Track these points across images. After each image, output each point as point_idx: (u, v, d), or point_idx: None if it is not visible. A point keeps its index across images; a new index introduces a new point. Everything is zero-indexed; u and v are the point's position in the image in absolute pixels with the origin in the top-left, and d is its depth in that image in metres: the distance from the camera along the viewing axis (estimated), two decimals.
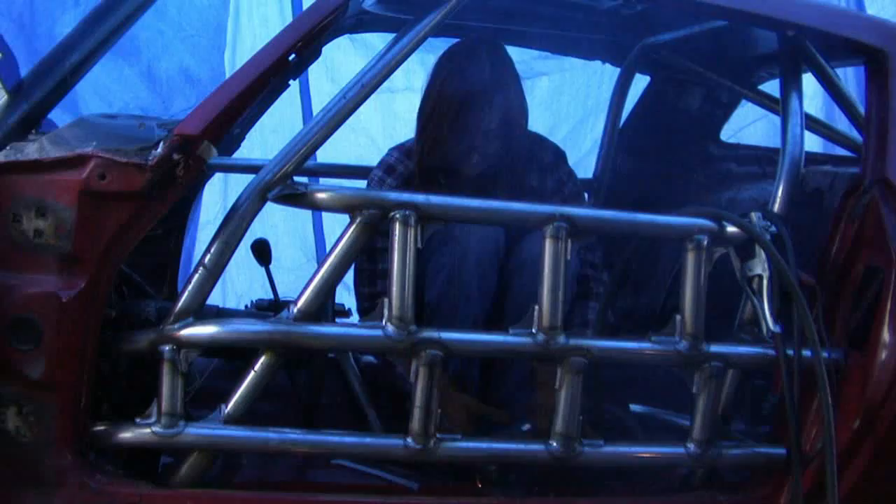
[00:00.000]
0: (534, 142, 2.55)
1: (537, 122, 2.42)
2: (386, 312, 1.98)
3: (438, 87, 2.43)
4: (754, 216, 2.14)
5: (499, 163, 2.43)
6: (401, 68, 2.10)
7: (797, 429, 2.06)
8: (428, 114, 2.43)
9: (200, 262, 1.95)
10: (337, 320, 2.35)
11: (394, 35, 2.11)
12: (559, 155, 2.59)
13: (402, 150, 2.54)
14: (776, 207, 2.18)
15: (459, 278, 2.33)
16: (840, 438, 2.07)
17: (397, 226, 1.97)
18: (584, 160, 3.62)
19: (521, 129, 2.46)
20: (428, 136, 2.42)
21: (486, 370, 2.45)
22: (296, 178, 1.99)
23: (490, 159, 2.41)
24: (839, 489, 2.13)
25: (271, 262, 2.37)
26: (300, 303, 1.98)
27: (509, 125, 2.40)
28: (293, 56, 2.00)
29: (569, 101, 4.63)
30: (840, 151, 2.95)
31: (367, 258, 2.43)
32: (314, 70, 3.76)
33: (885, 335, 2.09)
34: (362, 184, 2.92)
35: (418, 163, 2.46)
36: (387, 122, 4.56)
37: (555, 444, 2.06)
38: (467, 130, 2.36)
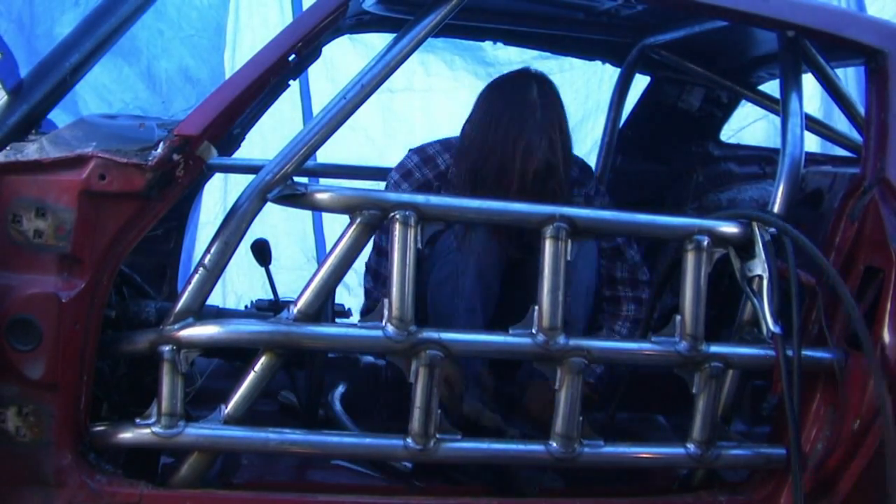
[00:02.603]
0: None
1: None
2: (386, 313, 1.98)
3: (492, 121, 2.32)
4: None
5: (556, 192, 2.32)
6: (401, 68, 2.10)
7: (797, 429, 2.05)
8: (485, 151, 2.31)
9: (200, 262, 1.95)
10: (337, 320, 2.35)
11: (394, 35, 2.11)
12: (585, 170, 2.57)
13: (421, 156, 2.50)
14: (776, 208, 2.18)
15: (462, 292, 2.32)
16: (839, 438, 2.07)
17: (397, 226, 1.97)
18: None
19: (569, 159, 2.38)
20: (487, 173, 2.31)
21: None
22: (295, 179, 1.99)
23: (547, 193, 2.29)
24: (839, 489, 2.13)
25: (271, 262, 2.37)
26: (300, 303, 1.98)
27: (563, 154, 2.33)
28: (293, 56, 2.00)
29: (569, 102, 4.57)
30: (840, 152, 2.95)
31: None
32: (314, 70, 3.77)
33: (885, 335, 2.09)
34: (362, 184, 2.93)
35: (455, 183, 2.40)
36: (387, 123, 4.56)
37: (555, 444, 2.06)
38: (528, 166, 2.26)
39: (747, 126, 4.40)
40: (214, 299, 2.15)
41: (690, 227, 2.12)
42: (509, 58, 4.53)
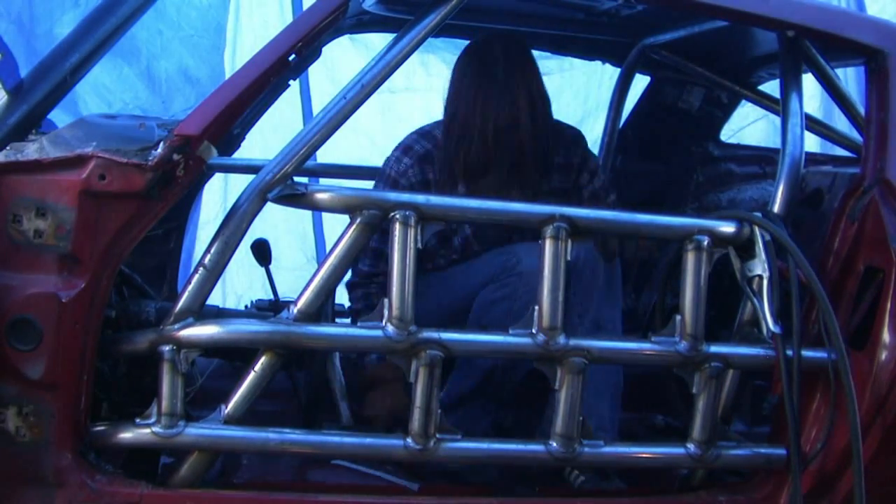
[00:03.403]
0: (553, 125, 2.54)
1: None
2: (386, 313, 1.98)
3: (457, 81, 2.43)
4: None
5: (523, 146, 2.39)
6: (401, 69, 2.10)
7: (797, 429, 2.05)
8: (451, 111, 2.42)
9: (200, 262, 1.95)
10: (337, 320, 2.35)
11: (394, 35, 2.11)
12: (577, 134, 2.61)
13: (419, 132, 2.54)
14: (776, 208, 2.18)
15: (515, 315, 2.28)
16: (840, 439, 2.08)
17: (397, 226, 1.97)
18: None
19: (543, 115, 2.43)
20: (452, 132, 2.40)
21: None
22: (296, 179, 1.99)
23: (512, 147, 2.37)
24: (839, 489, 2.13)
25: (271, 262, 2.37)
26: (300, 303, 1.98)
27: (530, 110, 2.37)
28: (293, 56, 2.00)
29: (569, 101, 4.63)
30: (840, 152, 2.95)
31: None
32: (314, 70, 3.77)
33: (885, 335, 2.09)
34: (362, 184, 2.93)
35: (444, 156, 2.45)
36: (387, 123, 4.56)
37: (555, 444, 2.06)
38: (487, 121, 2.34)
39: (747, 126, 4.40)
40: (214, 299, 2.15)
41: (690, 227, 2.12)
42: None
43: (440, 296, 2.40)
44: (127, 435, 1.95)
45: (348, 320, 2.57)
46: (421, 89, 4.60)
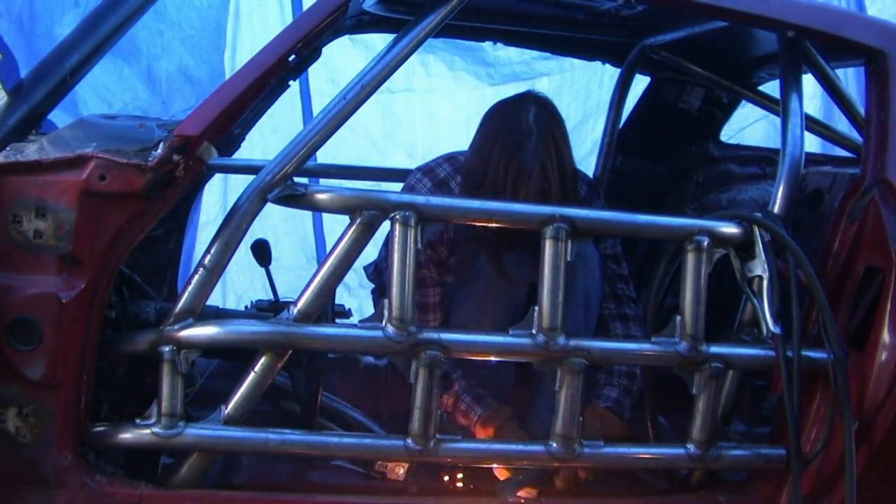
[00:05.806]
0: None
1: None
2: (386, 313, 1.98)
3: (482, 137, 2.28)
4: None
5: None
6: (401, 69, 2.10)
7: (797, 429, 2.06)
8: (471, 162, 2.29)
9: (200, 263, 1.95)
10: (337, 321, 2.35)
11: (394, 35, 2.11)
12: (593, 187, 2.53)
13: (432, 179, 2.39)
14: (776, 208, 2.18)
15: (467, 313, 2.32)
16: (840, 439, 2.08)
17: (397, 227, 1.97)
18: (584, 161, 3.62)
19: (566, 171, 2.28)
20: (477, 179, 2.26)
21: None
22: (296, 179, 1.99)
23: (536, 198, 2.23)
24: (839, 490, 2.13)
25: (271, 263, 2.37)
26: (300, 303, 1.98)
27: (556, 167, 2.24)
28: (293, 57, 2.00)
29: (569, 102, 4.64)
30: (840, 152, 2.95)
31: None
32: (314, 70, 3.77)
33: (885, 336, 2.09)
34: (362, 184, 2.93)
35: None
36: (387, 123, 4.56)
37: (555, 444, 2.06)
38: (516, 173, 2.19)
39: (747, 126, 4.40)
40: (214, 299, 2.15)
41: (690, 228, 2.13)
42: (509, 58, 4.53)
43: None
44: (127, 435, 1.95)
45: (348, 320, 2.57)
46: (421, 89, 4.60)
